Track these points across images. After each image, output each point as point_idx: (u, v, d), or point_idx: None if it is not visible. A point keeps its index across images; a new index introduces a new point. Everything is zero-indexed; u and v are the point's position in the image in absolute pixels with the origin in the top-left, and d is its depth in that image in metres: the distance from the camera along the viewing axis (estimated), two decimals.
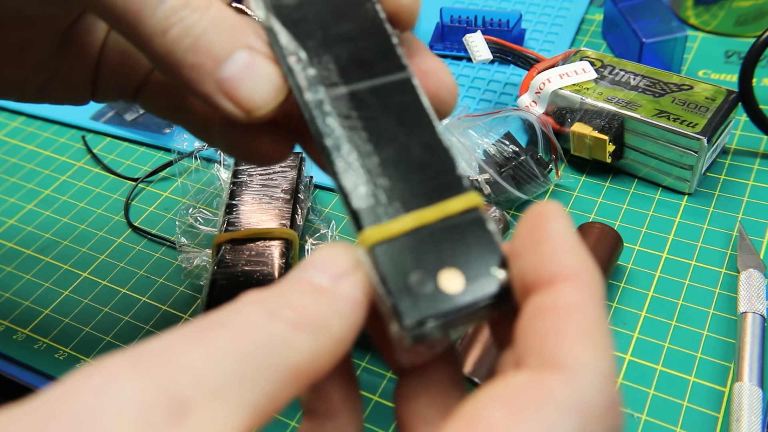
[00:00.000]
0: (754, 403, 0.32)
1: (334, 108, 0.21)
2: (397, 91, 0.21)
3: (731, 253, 0.40)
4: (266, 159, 0.25)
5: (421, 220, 0.19)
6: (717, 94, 0.43)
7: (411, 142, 0.21)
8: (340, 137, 0.20)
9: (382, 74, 0.22)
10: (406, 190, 0.20)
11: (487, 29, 0.54)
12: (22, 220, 0.47)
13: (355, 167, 0.20)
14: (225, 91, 0.21)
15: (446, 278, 0.19)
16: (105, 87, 0.30)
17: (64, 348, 0.39)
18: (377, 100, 0.21)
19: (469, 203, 0.20)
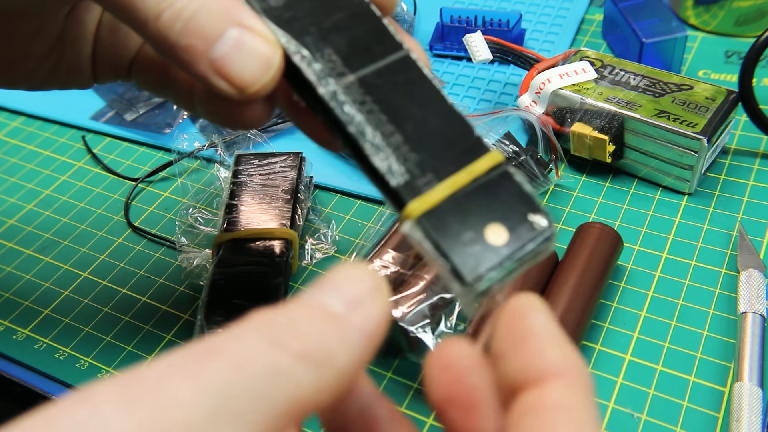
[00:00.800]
0: (754, 403, 0.32)
1: (348, 96, 0.22)
2: (400, 70, 0.23)
3: (731, 253, 0.40)
4: (248, 124, 0.26)
5: (456, 185, 0.21)
6: (717, 94, 0.43)
7: (427, 115, 0.22)
8: (361, 122, 0.21)
9: (383, 56, 0.23)
10: (435, 160, 0.21)
11: (487, 29, 0.54)
12: (22, 220, 0.47)
13: (383, 148, 0.21)
14: (218, 70, 0.22)
15: (491, 233, 0.20)
16: (103, 67, 0.31)
17: (64, 348, 0.39)
18: (385, 81, 0.22)
19: (493, 161, 0.21)
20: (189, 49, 0.22)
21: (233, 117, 0.25)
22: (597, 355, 0.36)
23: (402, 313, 0.34)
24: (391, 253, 0.37)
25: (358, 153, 0.21)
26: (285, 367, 0.15)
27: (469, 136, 0.22)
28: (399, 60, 0.23)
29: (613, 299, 0.38)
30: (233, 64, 0.22)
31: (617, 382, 0.35)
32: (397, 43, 0.23)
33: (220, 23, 0.22)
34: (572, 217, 0.43)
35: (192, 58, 0.22)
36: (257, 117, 0.25)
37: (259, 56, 0.22)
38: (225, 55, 0.22)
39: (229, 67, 0.22)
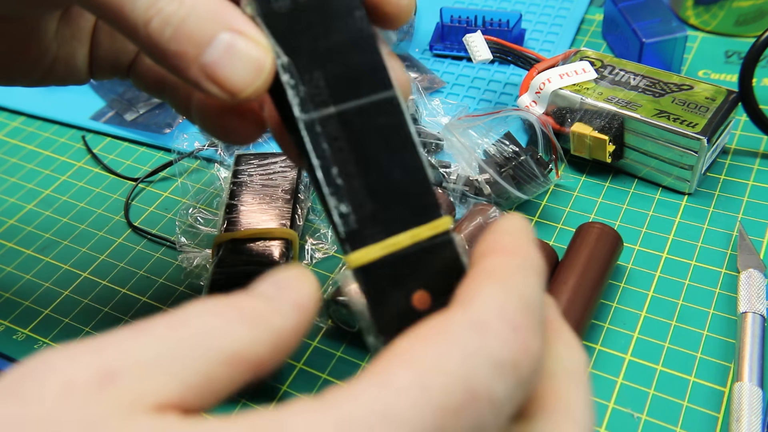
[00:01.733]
0: (754, 403, 0.32)
1: (323, 129, 0.22)
2: (383, 112, 0.22)
3: (731, 253, 0.40)
4: (239, 139, 0.26)
5: (398, 245, 0.21)
6: (717, 94, 0.43)
7: (394, 166, 0.22)
8: (329, 159, 0.22)
9: (370, 93, 0.22)
10: (387, 214, 0.22)
11: (487, 29, 0.54)
12: (22, 220, 0.47)
13: (342, 192, 0.21)
14: (209, 75, 0.22)
15: (418, 298, 0.21)
16: (101, 66, 0.31)
17: None
18: (364, 120, 0.22)
19: (440, 228, 0.22)
20: (180, 55, 0.22)
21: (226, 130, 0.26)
22: (597, 355, 0.36)
23: None
24: None
25: (318, 187, 0.22)
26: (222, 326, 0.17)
27: (427, 197, 0.22)
28: (384, 101, 0.22)
29: (613, 299, 0.38)
30: (224, 69, 0.22)
31: (617, 382, 0.35)
32: (388, 82, 0.23)
33: (210, 28, 0.22)
34: (572, 217, 0.43)
35: (183, 64, 0.22)
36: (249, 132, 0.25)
37: (250, 60, 0.22)
38: (216, 61, 0.22)
39: (221, 72, 0.22)
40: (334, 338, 0.38)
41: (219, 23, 0.22)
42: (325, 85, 0.22)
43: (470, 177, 0.42)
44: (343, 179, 0.21)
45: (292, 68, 0.22)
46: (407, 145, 0.22)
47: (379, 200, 0.22)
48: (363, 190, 0.22)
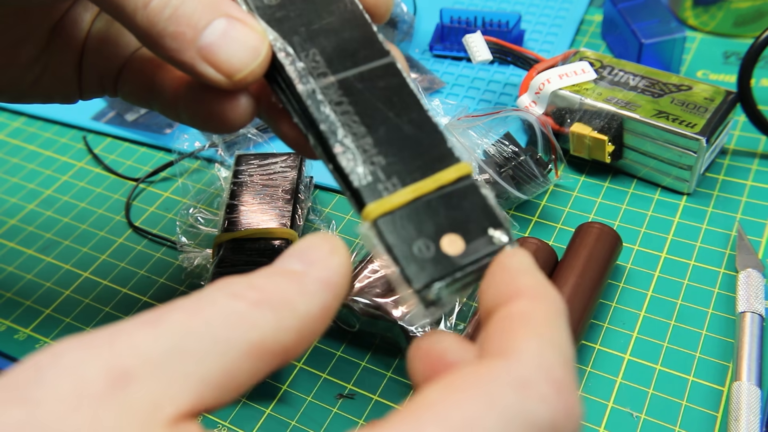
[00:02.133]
0: (753, 403, 0.32)
1: (325, 96, 0.22)
2: (383, 76, 0.23)
3: (730, 253, 0.40)
4: (229, 124, 0.26)
5: (419, 191, 0.21)
6: (716, 94, 0.43)
7: (401, 121, 0.22)
8: (334, 122, 0.21)
9: (367, 61, 0.23)
10: (402, 165, 0.21)
11: (487, 30, 0.54)
12: (23, 220, 0.47)
13: (352, 149, 0.21)
14: (205, 57, 0.22)
15: (448, 242, 0.20)
16: (90, 78, 0.31)
17: None
18: (365, 85, 0.22)
19: (461, 172, 0.21)
20: (177, 36, 0.22)
21: (216, 116, 0.25)
22: (596, 355, 0.36)
23: (402, 313, 0.34)
24: None
25: (327, 151, 0.21)
26: (242, 312, 0.16)
27: (441, 145, 0.22)
28: (383, 66, 0.23)
29: (613, 299, 0.38)
30: (221, 51, 0.22)
31: (616, 381, 0.35)
32: (384, 50, 0.23)
33: (207, 13, 0.22)
34: (572, 217, 0.43)
35: (180, 45, 0.22)
36: (239, 116, 0.25)
37: (247, 43, 0.22)
38: (213, 42, 0.22)
39: (217, 54, 0.22)
40: (334, 338, 0.38)
41: (216, 9, 0.22)
42: (322, 59, 0.22)
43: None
44: (351, 138, 0.21)
45: (288, 48, 0.23)
46: (412, 102, 0.22)
47: (392, 154, 0.21)
48: (373, 147, 0.21)
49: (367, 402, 0.35)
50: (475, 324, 0.35)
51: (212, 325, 0.16)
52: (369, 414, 0.35)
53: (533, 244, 0.38)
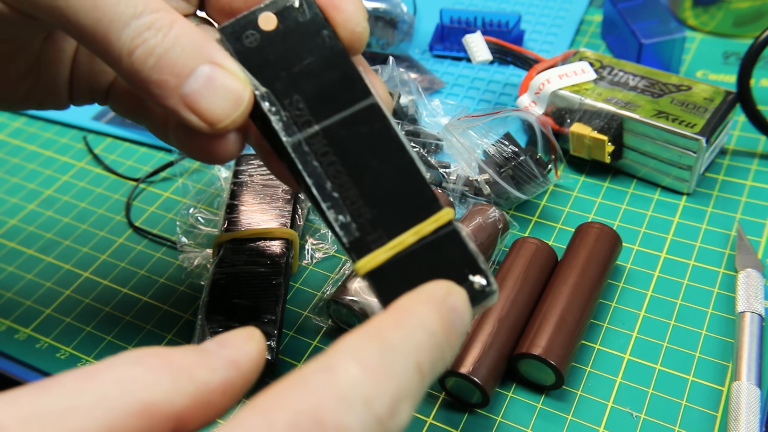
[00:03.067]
0: (752, 402, 0.32)
1: (311, 148, 0.22)
2: (365, 119, 0.23)
3: (730, 253, 0.40)
4: (218, 159, 0.26)
5: (403, 244, 0.22)
6: (715, 94, 0.43)
7: (386, 169, 0.23)
8: (321, 175, 0.22)
9: (350, 104, 0.23)
10: (387, 216, 0.22)
11: (487, 30, 0.54)
12: (23, 220, 0.47)
13: (339, 204, 0.22)
14: (188, 105, 0.22)
15: None
16: (80, 90, 0.31)
17: (65, 347, 0.39)
18: (349, 131, 0.23)
19: (443, 219, 0.22)
20: (161, 84, 0.22)
21: (204, 151, 0.26)
22: (596, 355, 0.36)
23: None
24: None
25: (316, 204, 0.22)
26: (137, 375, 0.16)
27: (424, 192, 0.22)
28: (365, 108, 0.23)
29: (612, 299, 0.38)
30: (203, 100, 0.22)
31: (616, 381, 0.35)
32: (366, 90, 0.23)
33: (191, 60, 0.22)
34: (571, 217, 0.43)
35: (164, 93, 0.22)
36: (227, 152, 0.26)
37: (229, 92, 0.23)
38: (196, 91, 0.22)
39: (200, 102, 0.22)
40: (334, 338, 0.38)
41: (200, 55, 0.22)
42: (305, 106, 0.23)
43: (470, 177, 0.42)
44: (339, 191, 0.22)
45: (271, 97, 0.23)
46: (395, 147, 0.23)
47: (377, 205, 0.22)
48: (360, 198, 0.22)
49: None
50: (475, 324, 0.35)
51: (103, 385, 0.16)
52: None
53: (533, 244, 0.38)
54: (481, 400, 0.34)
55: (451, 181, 0.43)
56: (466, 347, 0.34)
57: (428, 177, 0.23)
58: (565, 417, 0.34)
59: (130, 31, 0.22)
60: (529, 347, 0.33)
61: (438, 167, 0.44)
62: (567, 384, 0.35)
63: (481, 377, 0.32)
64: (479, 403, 0.34)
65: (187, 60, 0.22)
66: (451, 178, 0.43)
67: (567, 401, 0.34)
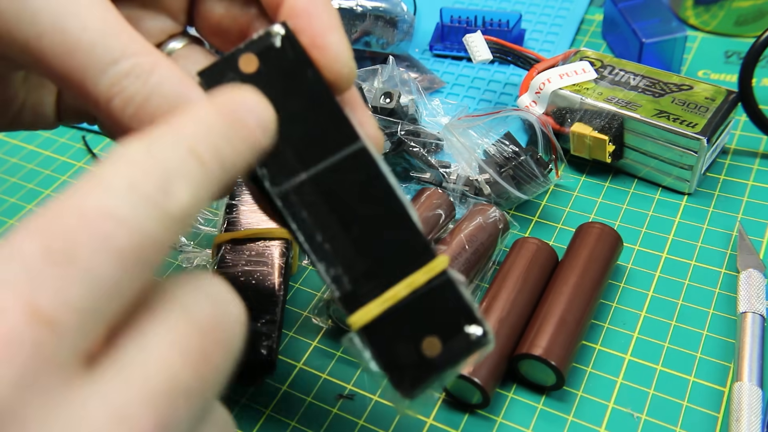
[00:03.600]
0: (754, 403, 0.32)
1: (298, 198, 0.22)
2: (354, 165, 0.22)
3: (731, 253, 0.40)
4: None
5: (396, 297, 0.21)
6: (717, 94, 0.43)
7: (376, 217, 0.22)
8: (310, 226, 0.21)
9: (337, 149, 0.22)
10: (379, 269, 0.22)
11: (487, 29, 0.54)
12: (22, 220, 0.47)
13: (330, 257, 0.21)
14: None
15: (427, 344, 0.21)
16: (67, 113, 0.31)
17: None
18: (337, 179, 0.22)
19: (437, 269, 0.22)
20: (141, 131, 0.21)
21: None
22: (597, 355, 0.36)
23: None
24: None
25: (305, 252, 0.22)
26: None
27: (417, 241, 0.22)
28: (353, 154, 0.22)
29: (613, 299, 0.38)
30: None
31: (617, 381, 0.35)
32: (353, 134, 0.22)
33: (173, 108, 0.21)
34: (572, 217, 0.43)
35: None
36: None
37: None
38: None
39: None
40: (334, 338, 0.38)
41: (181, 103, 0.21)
42: (291, 153, 0.22)
43: (470, 177, 0.42)
44: (329, 243, 0.21)
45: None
46: (385, 193, 0.22)
47: (369, 255, 0.21)
48: (350, 248, 0.21)
49: (367, 402, 0.35)
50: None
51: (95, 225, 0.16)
52: (369, 414, 0.35)
53: (533, 244, 0.38)
54: (482, 401, 0.33)
55: (452, 180, 0.43)
56: None
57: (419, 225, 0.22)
58: (565, 418, 0.34)
59: (107, 78, 0.21)
60: (530, 348, 0.33)
61: (438, 167, 0.44)
62: (567, 384, 0.35)
63: (482, 378, 0.32)
64: (480, 403, 0.34)
65: (168, 108, 0.21)
66: (451, 177, 0.43)
67: (568, 402, 0.34)
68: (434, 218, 0.40)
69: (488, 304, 0.35)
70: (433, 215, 0.40)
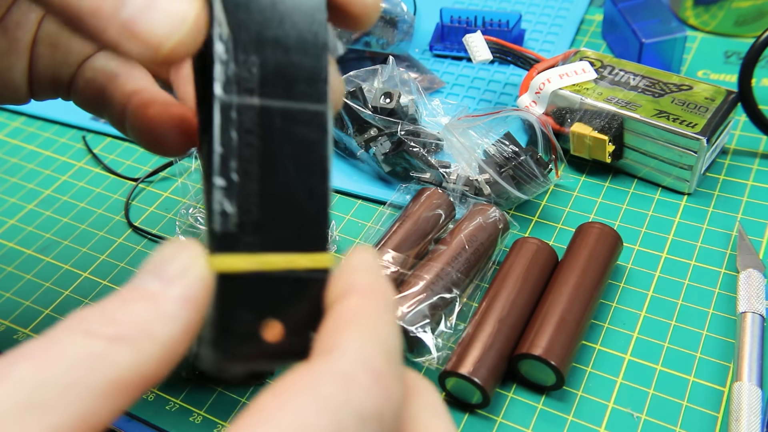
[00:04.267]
0: (754, 403, 0.32)
1: (238, 117, 0.20)
2: (307, 123, 0.20)
3: (731, 253, 0.40)
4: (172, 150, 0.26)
5: (271, 264, 0.19)
6: (716, 94, 0.43)
7: (297, 182, 0.20)
8: (232, 150, 0.19)
9: (300, 99, 0.20)
10: (271, 229, 0.20)
11: (487, 29, 0.54)
12: (22, 220, 0.47)
13: (233, 189, 0.19)
14: (128, 32, 0.20)
15: (270, 326, 0.19)
16: (40, 84, 0.30)
17: None
18: (285, 124, 0.20)
19: (321, 263, 0.20)
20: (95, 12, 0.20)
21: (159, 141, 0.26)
22: (597, 355, 0.36)
23: (402, 313, 0.34)
24: (391, 253, 0.37)
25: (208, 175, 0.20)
26: (99, 352, 0.15)
27: (319, 226, 0.20)
28: (312, 112, 0.21)
29: (613, 299, 0.38)
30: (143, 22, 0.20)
31: (617, 381, 0.35)
32: (323, 95, 0.21)
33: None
34: (572, 217, 0.43)
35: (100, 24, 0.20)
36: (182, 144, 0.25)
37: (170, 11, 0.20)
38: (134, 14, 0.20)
39: (139, 26, 0.20)
40: None
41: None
42: (258, 73, 0.20)
43: (470, 177, 0.42)
44: (240, 176, 0.19)
45: (229, 43, 0.20)
46: (319, 167, 0.20)
47: (268, 213, 0.20)
48: (256, 196, 0.19)
49: None
50: (475, 324, 0.34)
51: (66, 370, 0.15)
52: None
53: (534, 244, 0.38)
54: (482, 401, 0.33)
55: (452, 181, 0.43)
56: (467, 348, 0.33)
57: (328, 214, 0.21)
58: (565, 417, 0.34)
59: None
60: (530, 347, 0.33)
61: (438, 167, 0.44)
62: (567, 384, 0.35)
63: (482, 378, 0.32)
64: (479, 403, 0.34)
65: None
66: (451, 178, 0.43)
67: (567, 402, 0.34)
68: (434, 218, 0.40)
69: (488, 304, 0.35)
70: (433, 215, 0.40)
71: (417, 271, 0.36)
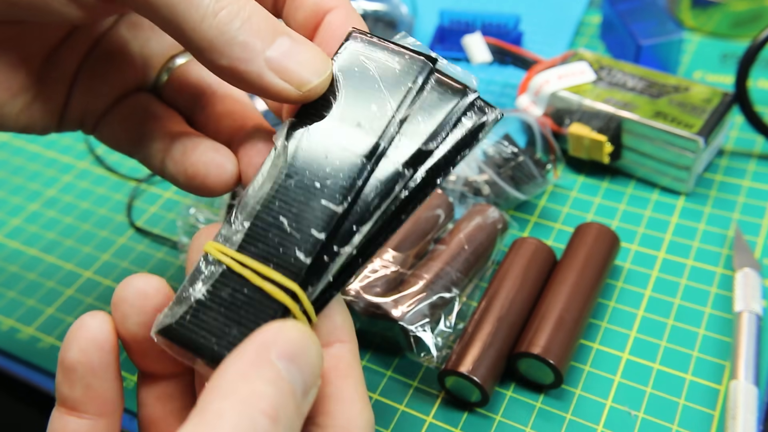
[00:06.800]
0: (750, 401, 0.32)
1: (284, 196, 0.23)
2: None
3: (727, 252, 0.40)
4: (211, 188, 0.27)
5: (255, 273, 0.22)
6: (713, 95, 0.43)
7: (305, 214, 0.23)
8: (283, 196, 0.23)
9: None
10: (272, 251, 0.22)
11: (486, 31, 0.54)
12: (26, 221, 0.48)
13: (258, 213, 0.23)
14: (275, 68, 0.23)
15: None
16: (72, 113, 0.30)
17: None
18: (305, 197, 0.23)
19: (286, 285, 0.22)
20: (246, 45, 0.22)
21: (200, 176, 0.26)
22: (595, 354, 0.36)
23: (402, 313, 0.34)
24: (391, 252, 0.37)
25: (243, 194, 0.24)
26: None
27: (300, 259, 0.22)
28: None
29: (611, 299, 0.39)
30: (291, 63, 0.23)
31: (615, 380, 0.35)
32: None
33: (272, 29, 0.23)
34: (570, 217, 0.43)
35: (248, 56, 0.23)
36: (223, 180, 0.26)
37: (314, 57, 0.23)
38: (282, 54, 0.23)
39: (287, 65, 0.23)
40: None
41: (279, 28, 0.23)
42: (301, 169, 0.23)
43: (469, 177, 0.42)
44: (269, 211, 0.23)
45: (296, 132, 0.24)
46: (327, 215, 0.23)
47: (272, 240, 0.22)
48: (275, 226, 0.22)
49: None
50: (475, 323, 0.35)
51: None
52: None
53: (532, 244, 0.38)
54: (481, 399, 0.34)
55: (451, 181, 0.43)
56: (466, 346, 0.34)
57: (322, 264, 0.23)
58: (564, 416, 0.34)
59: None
60: (528, 346, 0.33)
61: None
62: (566, 383, 0.35)
63: (481, 376, 0.33)
64: (478, 402, 0.34)
65: (270, 28, 0.23)
66: (450, 178, 0.43)
67: (566, 400, 0.34)
68: (433, 218, 0.40)
69: (487, 304, 0.36)
70: (432, 215, 0.40)
71: (417, 271, 0.37)
